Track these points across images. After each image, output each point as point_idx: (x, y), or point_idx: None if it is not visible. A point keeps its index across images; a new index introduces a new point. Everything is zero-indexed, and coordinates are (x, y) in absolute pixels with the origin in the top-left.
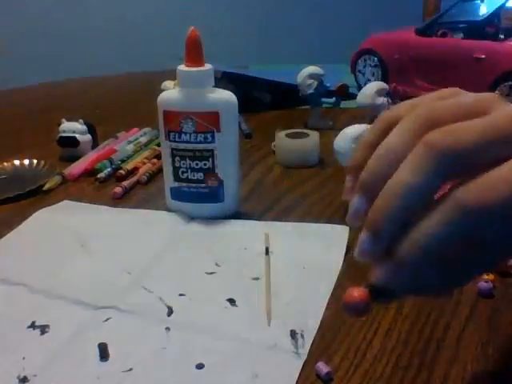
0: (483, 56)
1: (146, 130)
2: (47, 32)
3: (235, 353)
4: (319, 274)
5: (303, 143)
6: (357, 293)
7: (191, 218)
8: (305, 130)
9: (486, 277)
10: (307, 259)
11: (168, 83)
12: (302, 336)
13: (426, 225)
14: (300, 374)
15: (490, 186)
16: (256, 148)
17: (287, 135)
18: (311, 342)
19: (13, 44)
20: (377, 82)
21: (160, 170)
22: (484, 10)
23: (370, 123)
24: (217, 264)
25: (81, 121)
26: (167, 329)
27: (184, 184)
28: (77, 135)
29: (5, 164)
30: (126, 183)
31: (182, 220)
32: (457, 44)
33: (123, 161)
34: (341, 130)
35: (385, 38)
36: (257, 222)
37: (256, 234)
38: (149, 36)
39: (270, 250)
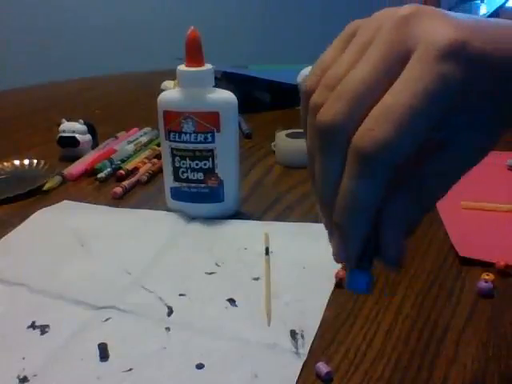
0: None
1: (146, 129)
2: (47, 32)
3: (235, 353)
4: (319, 274)
5: (303, 143)
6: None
7: (191, 218)
8: None
9: (486, 277)
10: (307, 259)
11: (168, 83)
12: (302, 336)
13: (343, 186)
14: (300, 374)
15: (375, 124)
16: (256, 148)
17: (287, 135)
18: (311, 342)
19: (13, 44)
20: None
21: (160, 170)
22: (484, 10)
23: None
24: (217, 264)
25: (81, 121)
26: (167, 329)
27: (184, 184)
28: (77, 135)
29: (5, 164)
30: (126, 183)
31: (182, 220)
32: None
33: (123, 161)
34: None
35: None
36: (257, 222)
37: (256, 234)
38: (149, 36)
39: (270, 249)
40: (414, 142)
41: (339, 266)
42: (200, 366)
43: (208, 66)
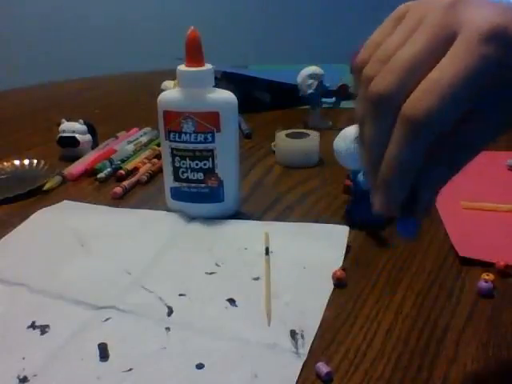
0: None
1: (146, 129)
2: (47, 32)
3: (235, 353)
4: (319, 274)
5: (303, 143)
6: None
7: (191, 218)
8: (305, 130)
9: (486, 277)
10: (307, 259)
11: (168, 83)
12: (302, 336)
13: (391, 148)
14: (300, 374)
15: (423, 95)
16: (256, 148)
17: (287, 135)
18: (311, 342)
19: (13, 44)
20: None
21: (160, 170)
22: None
23: None
24: (217, 264)
25: (81, 121)
26: (167, 329)
27: (184, 184)
28: (77, 135)
29: (5, 164)
30: (126, 183)
31: (182, 220)
32: None
33: (123, 161)
34: (341, 129)
35: None
36: (257, 221)
37: (256, 234)
38: (149, 36)
39: (270, 249)
40: (455, 112)
41: (339, 265)
42: (200, 366)
43: (208, 66)
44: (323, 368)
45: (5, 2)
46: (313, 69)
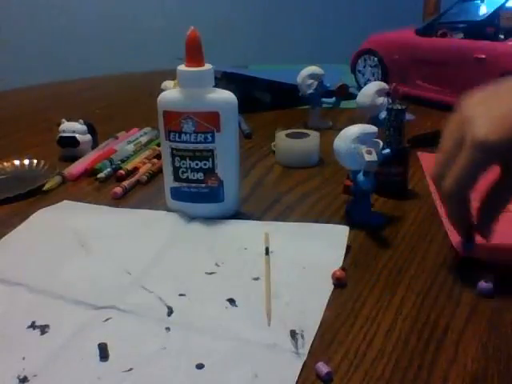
0: (483, 56)
1: (146, 129)
2: (47, 32)
3: (235, 353)
4: (319, 274)
5: (303, 143)
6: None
7: (191, 218)
8: (305, 130)
9: (486, 277)
10: (307, 259)
11: (168, 83)
12: (302, 336)
13: (454, 168)
14: (300, 374)
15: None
16: (256, 148)
17: (287, 135)
18: (311, 342)
19: (13, 44)
20: (377, 82)
21: (160, 170)
22: (484, 10)
23: (369, 123)
24: (217, 264)
25: (81, 121)
26: (167, 329)
27: (184, 184)
28: (77, 135)
29: (5, 164)
30: (126, 183)
31: (182, 220)
32: (457, 44)
33: (123, 161)
34: (341, 130)
35: (385, 37)
36: (257, 221)
37: (256, 234)
38: (149, 36)
39: (270, 249)
40: (467, 183)
41: (339, 265)
42: (200, 366)
43: (208, 66)
44: (323, 368)
45: (5, 1)
46: (313, 69)
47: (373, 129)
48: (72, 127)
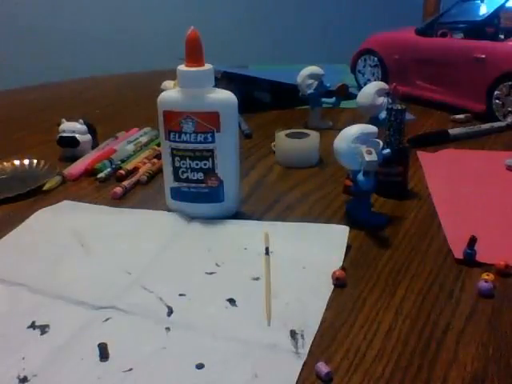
0: (483, 56)
1: (146, 129)
2: (47, 32)
3: (235, 353)
4: (319, 274)
5: (303, 143)
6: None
7: (191, 218)
8: (305, 130)
9: (486, 277)
10: (307, 259)
11: (168, 83)
12: (302, 336)
13: None
14: (300, 374)
15: None
16: (256, 148)
17: (287, 135)
18: (311, 342)
19: (13, 44)
20: (377, 82)
21: (160, 170)
22: (484, 10)
23: (369, 123)
24: (217, 264)
25: (81, 121)
26: (167, 329)
27: (184, 184)
28: (77, 135)
29: (5, 164)
30: (126, 183)
31: (182, 220)
32: (457, 44)
33: (123, 161)
34: (341, 130)
35: (385, 37)
36: (257, 221)
37: (256, 234)
38: (149, 36)
39: (270, 249)
40: None
41: (339, 265)
42: (200, 366)
43: (208, 66)
44: (323, 368)
45: (5, 2)
46: (313, 69)
47: (373, 129)
48: (72, 127)
